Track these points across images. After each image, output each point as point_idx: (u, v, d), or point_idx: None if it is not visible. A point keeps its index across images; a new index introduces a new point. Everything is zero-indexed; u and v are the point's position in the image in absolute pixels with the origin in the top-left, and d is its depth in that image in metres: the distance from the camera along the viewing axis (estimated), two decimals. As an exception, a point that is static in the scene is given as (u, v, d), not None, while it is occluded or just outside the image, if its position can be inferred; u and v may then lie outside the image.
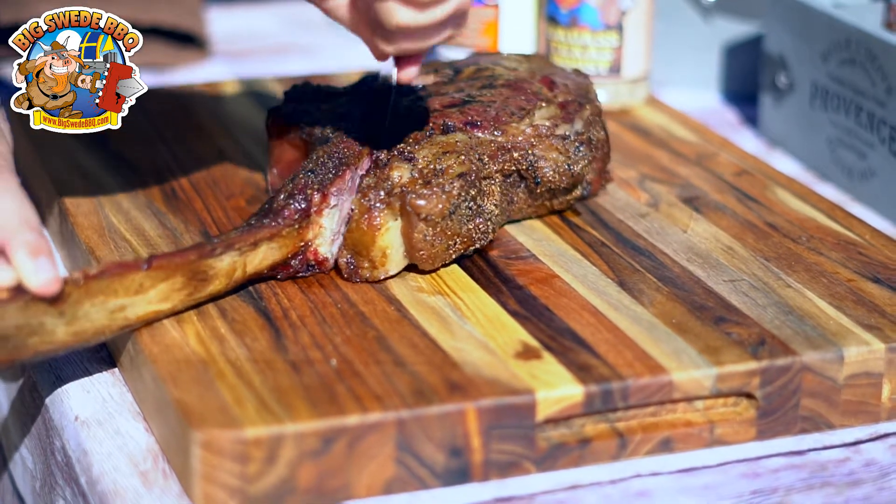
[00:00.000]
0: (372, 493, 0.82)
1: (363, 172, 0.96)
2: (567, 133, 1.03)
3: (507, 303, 0.93)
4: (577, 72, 1.11)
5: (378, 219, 0.93)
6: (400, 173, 0.94)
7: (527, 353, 0.87)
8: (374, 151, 0.96)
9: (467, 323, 0.90)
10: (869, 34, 1.17)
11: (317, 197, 0.93)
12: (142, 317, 0.86)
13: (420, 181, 0.94)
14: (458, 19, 0.89)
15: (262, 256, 0.91)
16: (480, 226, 0.97)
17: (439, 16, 0.88)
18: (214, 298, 0.90)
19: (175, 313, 0.88)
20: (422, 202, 0.93)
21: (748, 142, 1.31)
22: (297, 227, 0.93)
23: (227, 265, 0.89)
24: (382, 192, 0.94)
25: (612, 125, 1.23)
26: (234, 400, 0.81)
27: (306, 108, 1.03)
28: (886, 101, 1.16)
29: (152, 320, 0.87)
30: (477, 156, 0.97)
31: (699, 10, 1.39)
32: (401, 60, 0.93)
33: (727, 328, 0.90)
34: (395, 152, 0.96)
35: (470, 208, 0.96)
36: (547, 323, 0.90)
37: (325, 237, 0.94)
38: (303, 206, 0.93)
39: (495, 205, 0.98)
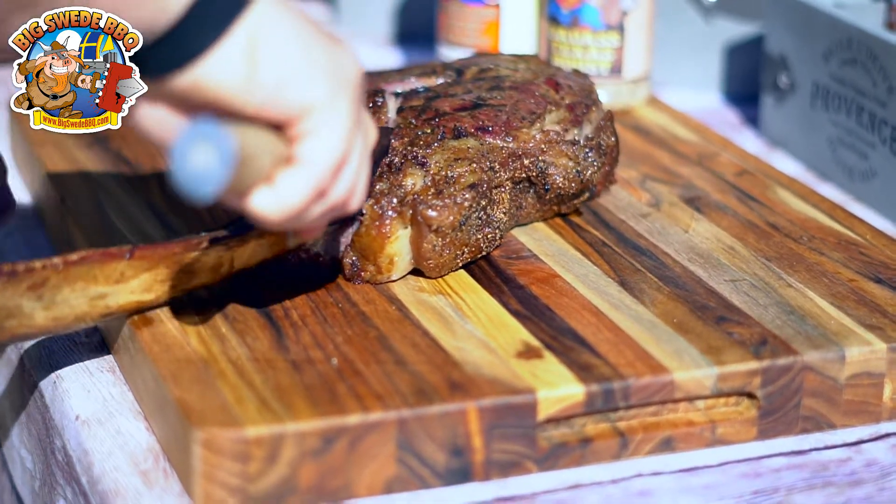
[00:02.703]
0: (373, 492, 0.82)
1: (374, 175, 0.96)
2: (576, 138, 1.02)
3: (508, 302, 0.93)
4: (576, 72, 1.11)
5: (388, 227, 0.93)
6: (413, 180, 0.94)
7: (528, 353, 0.87)
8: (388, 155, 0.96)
9: (468, 322, 0.90)
10: (870, 34, 1.17)
11: None
12: (124, 306, 0.86)
13: (432, 189, 0.93)
14: (338, 210, 0.83)
15: (251, 253, 0.90)
16: (489, 234, 0.96)
17: (307, 222, 0.81)
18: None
19: (160, 305, 0.88)
20: (433, 213, 0.93)
21: (749, 142, 1.31)
22: None
23: (213, 259, 0.88)
24: (395, 200, 0.93)
25: (613, 125, 1.23)
26: (235, 399, 0.81)
27: None
28: (887, 101, 1.15)
29: (136, 310, 0.87)
30: (488, 164, 0.97)
31: (700, 10, 1.39)
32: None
33: (728, 328, 0.90)
34: (409, 157, 0.95)
35: (480, 218, 0.95)
36: (548, 322, 0.90)
37: (317, 236, 0.93)
38: None
39: (504, 212, 0.98)
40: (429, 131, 0.98)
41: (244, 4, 0.74)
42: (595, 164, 1.02)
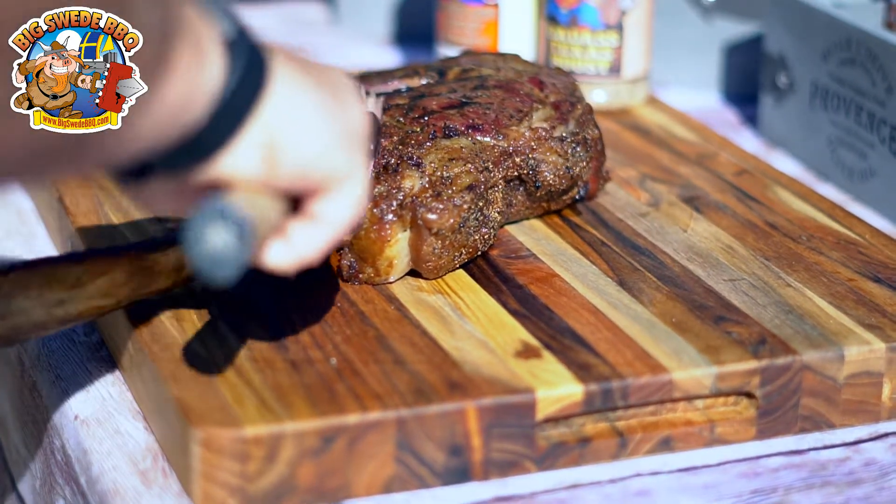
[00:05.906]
0: (372, 491, 0.82)
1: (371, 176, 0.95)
2: (563, 134, 1.03)
3: (507, 302, 0.93)
4: (559, 70, 1.11)
5: (388, 230, 0.93)
6: (411, 183, 0.94)
7: (527, 352, 0.87)
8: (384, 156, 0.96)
9: (467, 322, 0.90)
10: (869, 34, 1.17)
11: None
12: (84, 312, 0.83)
13: (430, 191, 0.94)
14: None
15: None
16: (485, 235, 0.96)
17: (321, 257, 0.80)
18: (168, 291, 0.88)
19: (123, 307, 0.86)
20: (433, 216, 0.93)
21: (748, 142, 1.31)
22: None
23: (173, 261, 0.86)
24: (394, 204, 0.93)
25: (612, 125, 1.23)
26: (234, 398, 0.81)
27: None
28: (886, 100, 1.16)
29: (98, 315, 0.85)
30: (482, 163, 0.97)
31: (699, 9, 1.39)
32: None
33: (727, 327, 0.90)
34: (404, 157, 0.95)
35: (477, 219, 0.95)
36: (547, 322, 0.90)
37: None
38: None
39: (498, 212, 0.98)
40: (418, 130, 0.98)
41: (256, 99, 0.72)
42: (583, 158, 1.03)
